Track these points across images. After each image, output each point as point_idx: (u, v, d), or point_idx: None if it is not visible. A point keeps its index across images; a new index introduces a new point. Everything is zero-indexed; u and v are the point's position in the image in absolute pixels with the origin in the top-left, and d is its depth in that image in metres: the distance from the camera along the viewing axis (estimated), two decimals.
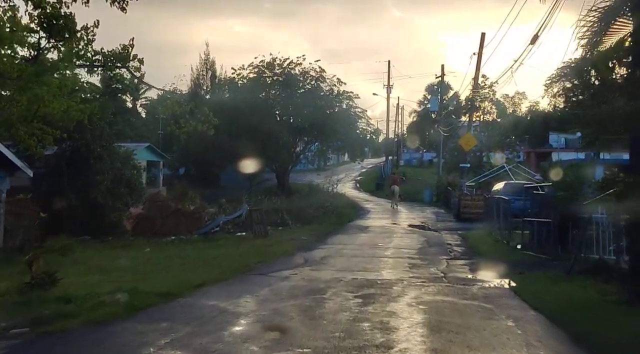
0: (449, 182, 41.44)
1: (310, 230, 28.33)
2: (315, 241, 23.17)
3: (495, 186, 32.92)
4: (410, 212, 37.98)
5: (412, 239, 23.61)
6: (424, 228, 28.76)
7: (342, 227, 29.05)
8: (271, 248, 20.85)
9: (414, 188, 49.15)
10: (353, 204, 41.48)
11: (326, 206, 35.84)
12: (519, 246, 19.90)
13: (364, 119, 54.66)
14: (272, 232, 28.10)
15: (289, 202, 36.97)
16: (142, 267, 16.96)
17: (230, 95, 54.32)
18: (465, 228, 27.85)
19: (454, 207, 32.78)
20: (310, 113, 51.13)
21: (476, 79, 31.54)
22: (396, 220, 32.61)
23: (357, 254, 18.55)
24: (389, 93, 61.54)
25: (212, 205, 34.95)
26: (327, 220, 32.17)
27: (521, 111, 79.43)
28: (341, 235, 25.28)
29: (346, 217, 33.53)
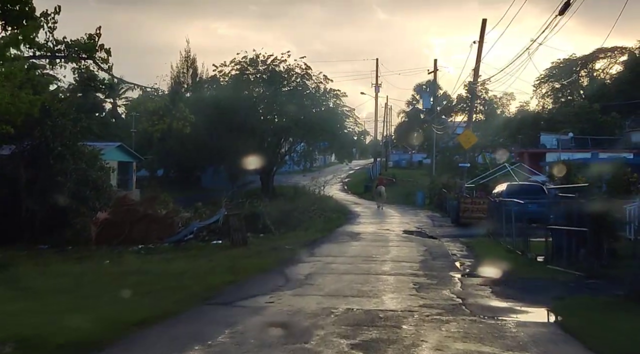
0: (444, 184, 38.13)
1: (295, 237, 24.91)
2: (300, 251, 19.68)
3: (496, 188, 29.61)
4: (403, 216, 34.58)
5: (411, 248, 20.17)
6: (422, 234, 25.38)
7: (331, 234, 25.60)
8: (248, 261, 17.36)
9: (405, 190, 45.80)
10: (341, 208, 38.02)
11: (312, 209, 32.38)
12: (540, 258, 16.56)
13: (352, 118, 51.30)
14: (253, 240, 24.64)
15: (273, 206, 33.50)
16: (87, 288, 13.41)
17: (212, 93, 50.78)
18: (468, 235, 24.47)
19: (452, 210, 29.43)
20: (295, 112, 47.78)
21: (476, 70, 28.32)
22: (389, 225, 29.21)
23: (350, 270, 15.08)
24: (377, 92, 58.20)
25: (189, 209, 31.47)
26: (313, 225, 28.74)
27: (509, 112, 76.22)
28: (330, 244, 21.82)
29: (334, 222, 30.09)
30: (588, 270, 13.65)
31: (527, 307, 10.73)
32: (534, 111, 72.93)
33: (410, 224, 29.60)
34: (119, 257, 21.51)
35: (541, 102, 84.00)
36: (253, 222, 27.37)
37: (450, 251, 19.88)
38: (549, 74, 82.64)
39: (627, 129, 70.24)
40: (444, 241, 22.73)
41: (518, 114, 72.25)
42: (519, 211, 20.88)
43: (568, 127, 69.07)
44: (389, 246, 20.72)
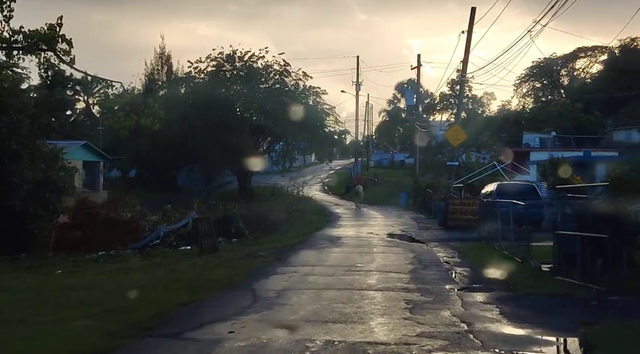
0: (428, 184, 35.99)
1: (270, 242, 22.64)
2: (275, 259, 17.40)
3: (485, 188, 27.53)
4: (387, 217, 32.39)
5: (398, 255, 17.92)
6: (408, 238, 23.18)
7: (309, 239, 23.32)
8: (214, 272, 15.06)
9: (387, 190, 43.65)
10: (321, 209, 35.76)
11: (291, 211, 30.07)
12: (545, 267, 14.42)
13: (332, 116, 49.03)
14: (224, 246, 22.35)
15: (249, 208, 31.13)
16: (17, 308, 11.05)
17: (187, 90, 48.25)
18: (457, 239, 22.35)
19: (439, 212, 27.27)
20: (274, 110, 45.41)
21: (465, 61, 26.13)
22: (372, 228, 26.98)
23: (330, 284, 12.77)
24: (358, 90, 56.00)
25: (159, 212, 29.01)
26: (291, 229, 26.48)
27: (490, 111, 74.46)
28: (308, 250, 19.51)
29: (314, 225, 27.80)
30: (609, 284, 11.49)
31: (550, 335, 8.52)
32: (516, 110, 71.25)
33: (394, 227, 27.41)
34: (74, 267, 19.15)
35: (521, 101, 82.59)
36: (226, 226, 25.05)
37: (441, 258, 17.66)
38: (529, 74, 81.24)
39: (609, 128, 68.88)
40: (433, 246, 20.54)
41: (499, 113, 70.57)
42: (519, 213, 18.97)
43: (550, 127, 67.56)
44: (374, 253, 18.45)
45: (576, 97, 70.57)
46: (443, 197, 29.02)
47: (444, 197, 28.72)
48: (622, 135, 65.55)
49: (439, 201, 28.34)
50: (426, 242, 21.74)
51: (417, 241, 22.26)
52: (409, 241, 22.47)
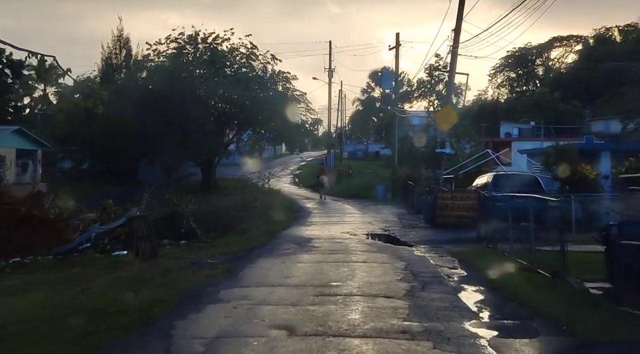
0: (408, 176, 31.61)
1: (226, 245, 18.06)
2: (223, 272, 12.84)
3: (479, 179, 23.22)
4: (364, 213, 27.88)
5: (384, 266, 13.39)
6: (392, 240, 18.70)
7: (273, 240, 18.72)
8: (136, 296, 10.41)
9: (363, 183, 39.11)
10: (290, 204, 31.09)
11: (254, 207, 25.42)
12: (592, 286, 10.10)
13: (303, 103, 44.35)
14: (168, 250, 17.78)
15: (205, 203, 26.47)
16: None
17: (145, 75, 43.15)
18: (452, 240, 17.97)
19: (426, 207, 22.83)
20: (240, 96, 40.65)
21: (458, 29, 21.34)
22: (349, 226, 22.44)
23: (291, 324, 8.18)
24: (331, 77, 51.40)
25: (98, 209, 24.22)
26: (254, 228, 21.83)
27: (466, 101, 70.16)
28: (268, 258, 14.89)
29: (279, 223, 23.16)
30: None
31: None
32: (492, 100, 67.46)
33: (374, 225, 22.92)
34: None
35: (496, 92, 78.96)
36: (174, 226, 20.39)
37: (440, 269, 13.21)
38: (504, 64, 77.69)
39: (586, 118, 65.64)
40: (425, 251, 16.07)
41: (475, 104, 66.64)
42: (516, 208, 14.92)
43: (527, 117, 63.96)
44: (353, 262, 13.90)
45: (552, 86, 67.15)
46: (428, 189, 24.68)
47: (430, 189, 24.36)
48: (601, 125, 62.35)
49: (425, 195, 23.92)
50: (415, 245, 17.27)
51: (404, 244, 17.79)
52: (394, 243, 17.99)
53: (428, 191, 24.49)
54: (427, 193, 24.37)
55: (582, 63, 71.97)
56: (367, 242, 17.99)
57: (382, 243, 17.87)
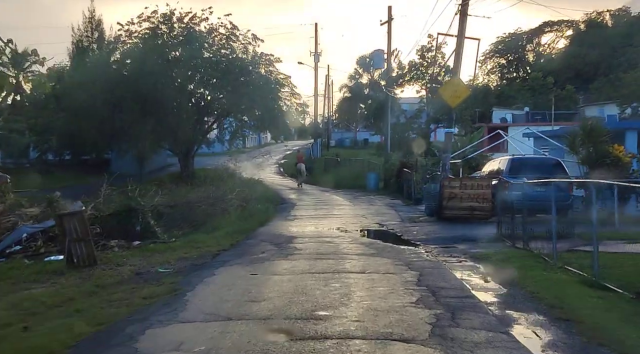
0: (404, 163, 27.79)
1: (188, 247, 14.21)
2: (166, 293, 8.97)
3: (489, 164, 19.48)
4: (355, 204, 24.05)
5: (390, 279, 9.53)
6: (392, 238, 14.90)
7: (246, 241, 14.87)
8: (21, 337, 6.52)
9: (352, 172, 35.24)
10: (272, 195, 27.15)
11: (230, 199, 21.50)
12: None
13: (287, 87, 40.29)
14: (114, 256, 13.86)
15: (177, 194, 22.56)
16: None
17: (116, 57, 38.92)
18: (467, 238, 14.19)
19: (428, 198, 18.95)
20: (219, 80, 36.68)
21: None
22: (339, 221, 18.59)
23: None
24: (317, 61, 47.33)
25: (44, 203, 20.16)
26: (226, 223, 17.94)
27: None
28: (234, 268, 10.99)
29: (258, 216, 19.27)
30: None
31: None
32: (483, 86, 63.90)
33: (368, 218, 19.09)
34: None
35: (485, 79, 75.34)
36: (128, 223, 16.47)
37: (467, 282, 9.41)
38: (494, 50, 74.11)
39: (580, 103, 62.39)
40: (437, 254, 12.27)
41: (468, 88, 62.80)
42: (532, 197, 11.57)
43: (520, 103, 60.61)
44: (347, 273, 10.04)
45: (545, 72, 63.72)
46: (429, 176, 20.89)
47: (431, 177, 20.57)
48: (595, 110, 59.16)
49: (428, 184, 20.05)
50: (422, 245, 13.46)
51: (408, 243, 13.98)
52: (396, 242, 14.18)
53: (430, 179, 20.70)
54: (429, 181, 20.56)
55: (573, 48, 68.73)
56: (362, 242, 14.15)
57: (381, 242, 14.03)
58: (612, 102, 54.69)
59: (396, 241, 14.32)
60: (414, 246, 13.46)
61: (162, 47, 36.93)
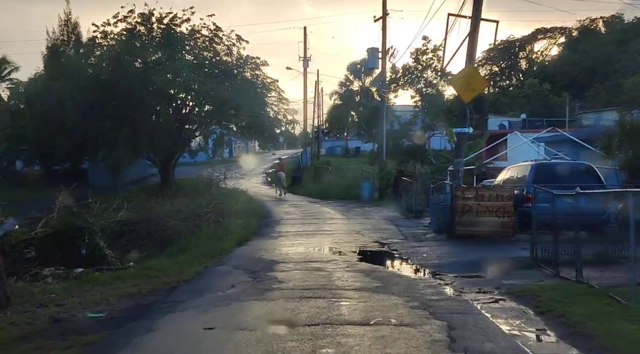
0: (401, 171, 24.65)
1: (140, 277, 11.01)
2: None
3: (506, 172, 16.34)
4: (349, 218, 20.81)
5: (406, 336, 6.31)
6: (399, 263, 11.72)
7: (214, 268, 11.64)
8: None
9: (344, 181, 32.01)
10: (256, 208, 23.84)
11: (204, 213, 18.23)
12: None
13: (275, 92, 37.14)
14: (43, 289, 10.59)
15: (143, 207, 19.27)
16: None
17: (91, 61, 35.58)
18: (492, 264, 10.97)
19: (436, 211, 15.66)
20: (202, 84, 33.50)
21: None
22: (330, 238, 15.37)
23: None
24: (306, 66, 44.30)
25: None
26: (196, 243, 14.66)
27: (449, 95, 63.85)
28: (187, 315, 7.72)
29: (236, 234, 15.95)
30: None
31: None
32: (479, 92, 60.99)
33: (365, 235, 15.86)
34: None
35: None
36: (71, 245, 13.16)
37: (520, 339, 6.24)
38: (486, 57, 71.49)
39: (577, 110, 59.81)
40: (460, 288, 9.05)
41: None
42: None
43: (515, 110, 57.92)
44: (344, 325, 6.80)
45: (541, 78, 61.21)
46: (435, 186, 17.74)
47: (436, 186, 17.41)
48: (592, 118, 56.57)
49: (435, 195, 16.84)
50: (439, 275, 10.25)
51: (420, 270, 10.81)
52: (403, 269, 11.00)
53: (434, 189, 17.55)
54: (434, 191, 17.40)
55: (567, 55, 66.36)
56: (360, 268, 10.91)
57: (384, 269, 10.86)
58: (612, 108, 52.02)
59: (403, 267, 11.14)
60: (429, 275, 10.29)
61: (140, 49, 33.64)
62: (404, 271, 10.66)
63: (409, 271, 10.81)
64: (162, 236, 16.41)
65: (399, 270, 10.82)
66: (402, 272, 10.55)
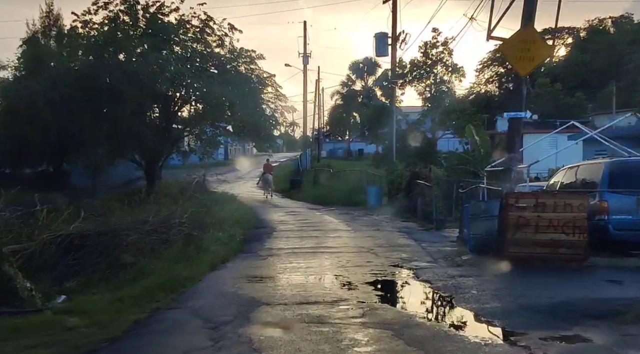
0: (416, 173, 20.64)
1: (50, 329, 6.72)
2: None
3: (563, 174, 12.29)
4: (356, 229, 16.72)
5: None
6: (441, 308, 7.67)
7: (164, 315, 7.52)
8: None
9: (347, 185, 27.94)
10: (245, 216, 19.53)
11: (176, 224, 14.16)
12: None
13: (272, 87, 33.13)
14: None
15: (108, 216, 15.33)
16: None
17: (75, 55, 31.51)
18: (597, 311, 6.90)
19: (473, 225, 11.56)
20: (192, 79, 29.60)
21: None
22: (335, 260, 11.32)
23: None
24: (306, 63, 40.35)
25: None
26: (159, 265, 10.61)
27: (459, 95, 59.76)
28: None
29: (212, 253, 11.87)
30: None
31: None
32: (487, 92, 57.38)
33: (379, 256, 11.79)
34: None
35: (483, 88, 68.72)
36: None
37: None
38: (492, 58, 67.65)
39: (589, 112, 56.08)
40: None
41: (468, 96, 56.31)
42: None
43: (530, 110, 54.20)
44: None
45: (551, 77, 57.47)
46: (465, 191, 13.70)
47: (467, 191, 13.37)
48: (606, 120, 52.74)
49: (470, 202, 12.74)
50: (514, 337, 6.19)
51: (478, 322, 6.76)
52: (452, 320, 6.94)
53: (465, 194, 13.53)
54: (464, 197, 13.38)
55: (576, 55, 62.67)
56: (385, 320, 6.83)
57: (422, 323, 6.78)
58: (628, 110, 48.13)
59: (451, 317, 7.10)
60: (498, 335, 6.24)
61: (123, 39, 29.61)
62: (455, 326, 6.61)
63: (462, 323, 6.77)
64: (119, 255, 12.44)
65: (445, 322, 6.80)
66: (453, 329, 6.50)
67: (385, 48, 23.63)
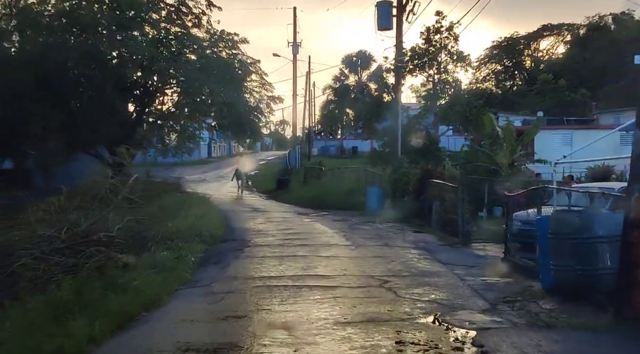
0: (428, 171, 16.09)
1: None
2: None
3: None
4: (356, 243, 12.06)
5: None
6: None
7: None
8: None
9: (342, 186, 23.22)
10: (213, 224, 14.51)
11: (98, 240, 9.46)
12: None
13: (256, 75, 28.58)
14: None
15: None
16: None
17: (33, 37, 26.64)
18: None
19: (552, 251, 6.94)
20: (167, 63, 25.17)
21: None
22: (331, 307, 6.74)
23: None
24: (296, 53, 35.70)
25: None
26: (41, 316, 5.85)
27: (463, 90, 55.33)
28: None
29: (137, 292, 7.25)
30: None
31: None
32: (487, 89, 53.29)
33: (399, 295, 7.20)
34: None
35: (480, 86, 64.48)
36: None
37: None
38: (489, 55, 63.62)
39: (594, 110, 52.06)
40: None
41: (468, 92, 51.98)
42: None
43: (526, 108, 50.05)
44: None
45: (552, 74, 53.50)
46: (507, 196, 9.19)
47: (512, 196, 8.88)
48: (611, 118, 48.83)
49: (559, 212, 7.95)
50: None
51: None
52: None
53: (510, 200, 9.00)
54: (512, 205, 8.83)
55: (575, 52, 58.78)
56: None
57: None
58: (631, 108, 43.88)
59: None
60: None
61: (85, 17, 24.87)
62: None
63: None
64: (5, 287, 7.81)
65: None
66: None
67: (389, 20, 19.04)
